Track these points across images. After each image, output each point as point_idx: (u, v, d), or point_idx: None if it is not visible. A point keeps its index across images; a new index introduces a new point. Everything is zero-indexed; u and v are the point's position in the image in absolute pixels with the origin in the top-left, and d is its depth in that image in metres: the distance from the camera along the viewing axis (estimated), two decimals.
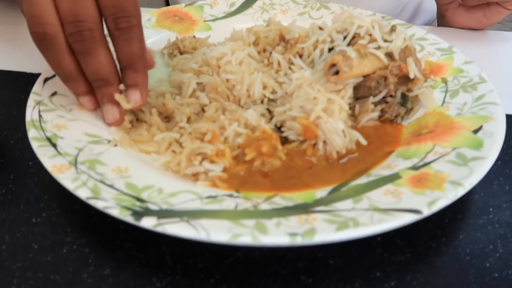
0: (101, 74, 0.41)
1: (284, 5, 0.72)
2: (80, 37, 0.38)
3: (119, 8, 0.39)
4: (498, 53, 0.69)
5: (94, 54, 0.40)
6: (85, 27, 0.38)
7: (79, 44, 0.39)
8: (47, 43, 0.39)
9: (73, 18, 0.38)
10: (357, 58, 0.45)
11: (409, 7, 0.90)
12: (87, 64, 0.40)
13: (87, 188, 0.35)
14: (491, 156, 0.37)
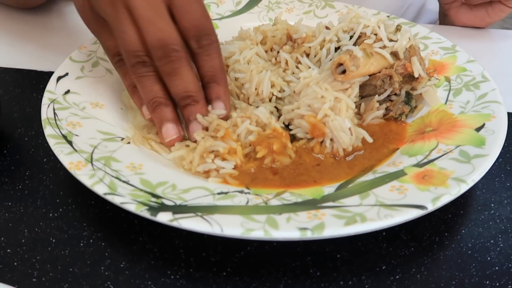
0: (189, 91, 0.43)
1: (289, 3, 0.73)
2: (169, 59, 0.41)
3: (199, 28, 0.43)
4: (500, 51, 0.70)
5: (182, 73, 0.42)
6: (172, 49, 0.41)
7: (168, 66, 0.42)
8: (143, 70, 0.42)
9: (160, 43, 0.41)
10: (363, 57, 0.46)
11: (413, 7, 0.90)
12: (175, 84, 0.43)
13: (104, 184, 0.36)
14: (493, 153, 0.39)
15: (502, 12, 0.69)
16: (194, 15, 0.43)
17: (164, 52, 0.41)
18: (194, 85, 0.43)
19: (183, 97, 0.43)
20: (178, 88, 0.43)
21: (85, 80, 0.52)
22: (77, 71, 0.53)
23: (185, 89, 0.43)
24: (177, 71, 0.42)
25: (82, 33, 0.69)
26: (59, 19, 0.75)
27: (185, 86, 0.43)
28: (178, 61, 0.42)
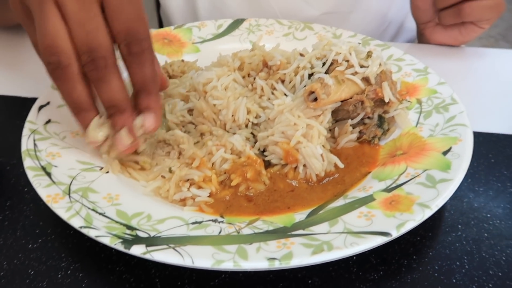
0: (115, 100, 0.41)
1: (269, 26, 0.75)
2: (95, 66, 0.39)
3: (130, 34, 0.40)
4: (474, 69, 0.72)
5: (108, 81, 0.40)
6: (99, 56, 0.39)
7: (94, 72, 0.40)
8: (61, 72, 0.40)
9: (87, 48, 0.39)
10: (335, 84, 0.47)
11: (392, 26, 0.93)
12: (101, 91, 0.41)
13: (80, 217, 0.37)
14: (457, 178, 0.40)
15: (474, 32, 0.71)
16: (127, 17, 0.40)
17: (90, 57, 0.39)
18: (120, 94, 0.41)
19: (109, 106, 0.42)
20: (104, 96, 0.41)
21: (66, 108, 0.53)
22: (58, 100, 0.54)
23: (111, 97, 0.41)
24: (104, 78, 0.40)
25: None
26: None
27: (111, 95, 0.41)
28: (104, 68, 0.40)
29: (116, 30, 0.40)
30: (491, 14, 0.67)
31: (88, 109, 0.42)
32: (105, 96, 0.41)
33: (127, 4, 0.40)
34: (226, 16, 0.87)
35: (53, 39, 0.38)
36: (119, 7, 0.40)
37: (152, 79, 0.42)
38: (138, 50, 0.40)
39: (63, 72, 0.39)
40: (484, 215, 0.44)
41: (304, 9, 0.87)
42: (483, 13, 0.67)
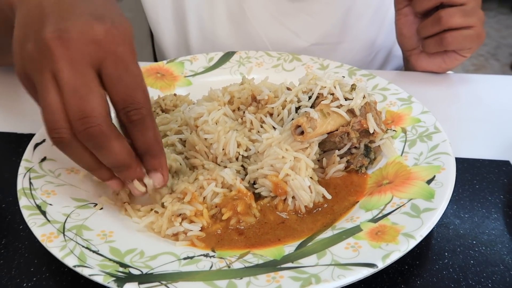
0: (119, 162, 0.41)
1: (259, 58, 0.77)
2: (89, 135, 0.38)
3: (129, 102, 0.39)
4: (459, 95, 0.75)
5: (107, 147, 0.39)
6: (92, 124, 0.38)
7: (90, 142, 0.39)
8: (65, 146, 0.39)
9: (79, 115, 0.37)
10: (320, 118, 0.49)
11: (381, 53, 0.96)
12: (103, 157, 0.41)
13: (74, 255, 0.38)
14: (440, 207, 0.41)
15: (457, 61, 0.74)
16: (124, 86, 0.39)
17: (83, 126, 0.38)
18: (123, 156, 0.41)
19: (114, 167, 0.42)
20: (107, 161, 0.41)
21: None
22: None
23: (114, 161, 0.41)
24: (103, 145, 0.39)
25: None
26: None
27: (113, 159, 0.41)
28: (100, 136, 0.38)
29: (114, 99, 0.40)
30: (472, 44, 0.70)
31: (100, 168, 0.42)
32: (108, 161, 0.41)
33: (125, 73, 0.39)
34: (217, 48, 0.91)
35: (52, 115, 0.38)
36: (117, 76, 0.39)
37: (154, 143, 0.42)
38: (138, 118, 0.40)
39: (67, 146, 0.39)
40: (470, 241, 0.45)
41: (294, 41, 0.90)
42: (463, 43, 0.70)
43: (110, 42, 0.39)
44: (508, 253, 0.44)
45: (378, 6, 0.90)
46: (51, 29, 0.38)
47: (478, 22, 0.68)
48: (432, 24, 0.69)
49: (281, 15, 0.88)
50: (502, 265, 0.43)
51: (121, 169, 0.42)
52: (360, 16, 0.90)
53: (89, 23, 0.39)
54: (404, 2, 0.74)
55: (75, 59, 0.38)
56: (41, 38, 0.38)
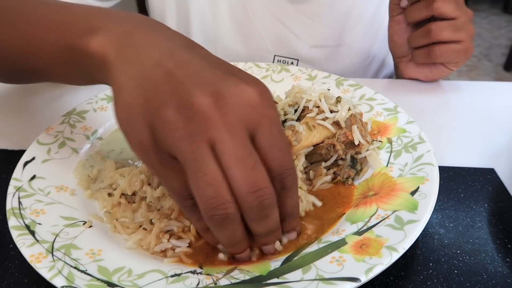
0: (273, 228, 0.40)
1: (248, 69, 0.78)
2: (262, 207, 0.35)
3: (284, 168, 0.37)
4: (448, 102, 0.76)
5: (271, 216, 0.38)
6: (266, 196, 0.35)
7: (260, 214, 0.36)
8: (228, 223, 0.36)
9: (252, 188, 0.34)
10: (306, 130, 0.50)
11: (377, 59, 0.98)
12: (262, 227, 0.38)
13: (62, 276, 0.38)
14: (423, 219, 0.42)
15: (443, 72, 0.76)
16: (280, 151, 0.36)
17: (258, 200, 0.35)
18: (277, 223, 0.40)
19: (267, 234, 0.40)
20: (262, 230, 0.39)
21: (51, 163, 0.55)
22: (43, 154, 0.56)
23: (270, 230, 0.39)
24: (267, 216, 0.37)
25: (53, 110, 0.74)
26: (31, 97, 0.79)
27: (270, 228, 0.39)
28: (270, 207, 0.36)
29: (270, 166, 0.36)
30: (459, 58, 0.71)
31: (243, 242, 0.40)
32: (264, 230, 0.39)
33: (280, 137, 0.37)
34: (219, 49, 0.92)
35: (216, 190, 0.34)
36: (273, 141, 0.36)
37: (297, 206, 0.42)
38: (290, 184, 0.38)
39: (230, 223, 0.36)
40: (454, 251, 0.46)
41: (295, 43, 0.93)
42: (451, 56, 0.71)
43: (264, 105, 0.36)
44: (491, 262, 0.45)
45: (375, 12, 0.93)
46: (202, 92, 0.34)
47: (467, 37, 0.69)
48: (422, 36, 0.71)
49: (282, 16, 0.91)
50: (486, 274, 0.43)
51: (270, 234, 0.40)
52: (358, 20, 0.92)
53: (240, 85, 0.35)
54: (397, 10, 0.76)
55: (234, 126, 0.34)
56: (191, 102, 0.34)
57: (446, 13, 0.67)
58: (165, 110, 0.34)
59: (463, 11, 0.69)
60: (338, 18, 0.91)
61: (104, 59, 0.40)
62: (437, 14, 0.68)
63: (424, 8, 0.69)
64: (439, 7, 0.67)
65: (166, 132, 0.34)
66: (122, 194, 0.50)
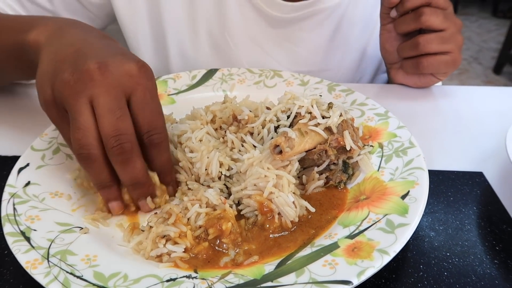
0: (138, 179, 0.48)
1: (241, 75, 0.79)
2: (121, 150, 0.45)
3: (152, 126, 0.47)
4: (439, 107, 0.77)
5: (132, 163, 0.46)
6: (126, 140, 0.45)
7: (119, 157, 0.45)
8: (90, 161, 0.46)
9: (114, 133, 0.44)
10: (298, 137, 0.51)
11: (364, 80, 0.99)
12: (125, 172, 0.47)
13: (58, 282, 0.39)
14: (413, 222, 0.43)
15: (431, 81, 0.77)
16: (150, 112, 0.47)
17: (118, 142, 0.45)
18: (142, 174, 0.48)
19: (131, 184, 0.48)
20: (127, 177, 0.47)
21: (45, 169, 0.56)
22: (37, 161, 0.56)
23: (134, 177, 0.48)
24: (128, 161, 0.46)
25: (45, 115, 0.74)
26: (24, 102, 0.79)
27: (134, 176, 0.47)
28: (130, 151, 0.46)
29: (140, 123, 0.47)
30: (447, 69, 0.73)
31: (112, 186, 0.49)
32: (128, 176, 0.47)
33: (151, 102, 0.47)
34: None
35: (84, 132, 0.44)
36: (143, 103, 0.47)
37: (168, 162, 0.51)
38: (158, 141, 0.48)
39: (92, 161, 0.46)
40: (444, 253, 0.47)
41: (276, 68, 0.90)
42: (439, 68, 0.72)
43: (140, 76, 0.47)
44: (480, 264, 0.46)
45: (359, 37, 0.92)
46: (92, 62, 0.45)
47: (455, 48, 0.70)
48: (410, 48, 0.72)
49: (263, 42, 0.89)
50: (474, 276, 0.44)
51: (137, 186, 0.48)
52: (343, 44, 0.91)
53: (124, 61, 0.47)
54: (388, 19, 0.76)
55: (112, 87, 0.45)
56: (82, 69, 0.45)
57: (434, 26, 0.68)
58: (62, 74, 0.45)
59: (452, 22, 0.69)
60: (322, 43, 0.90)
61: (37, 44, 0.53)
62: (425, 27, 0.69)
63: (412, 20, 0.69)
64: (427, 20, 0.68)
65: (60, 90, 0.45)
66: None
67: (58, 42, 0.51)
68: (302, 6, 0.83)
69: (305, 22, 0.86)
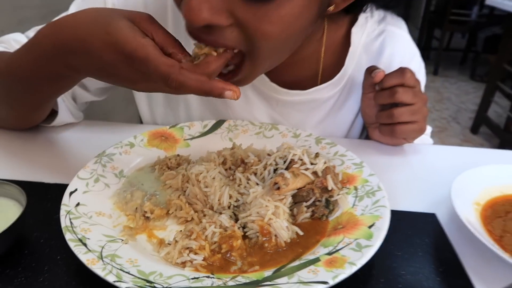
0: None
1: (244, 126, 0.95)
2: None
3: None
4: (408, 161, 0.94)
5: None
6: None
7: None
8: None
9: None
10: (292, 177, 0.67)
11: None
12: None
13: (113, 274, 0.52)
14: (376, 244, 0.58)
15: (401, 143, 0.96)
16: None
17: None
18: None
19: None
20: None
21: (90, 193, 0.70)
22: (83, 187, 0.71)
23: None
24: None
25: (80, 150, 0.88)
26: (59, 141, 0.94)
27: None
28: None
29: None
30: (415, 135, 0.91)
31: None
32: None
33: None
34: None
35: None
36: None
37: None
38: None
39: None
40: (400, 272, 0.62)
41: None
42: (409, 134, 0.89)
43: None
44: (427, 280, 0.60)
45: (346, 134, 1.06)
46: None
47: (422, 118, 0.88)
48: (387, 117, 0.89)
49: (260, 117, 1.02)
50: None
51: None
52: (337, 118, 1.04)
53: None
54: (370, 89, 0.94)
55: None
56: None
57: (405, 101, 0.86)
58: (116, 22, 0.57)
59: (419, 98, 0.87)
60: (315, 122, 1.02)
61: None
62: (398, 102, 0.87)
63: (389, 96, 0.87)
64: (399, 97, 0.86)
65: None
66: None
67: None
68: (298, 93, 0.95)
69: (300, 105, 0.99)
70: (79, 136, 0.96)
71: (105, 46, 0.55)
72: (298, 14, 0.58)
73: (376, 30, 0.99)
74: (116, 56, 0.54)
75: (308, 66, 0.97)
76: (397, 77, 0.86)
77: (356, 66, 0.98)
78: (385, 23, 1.00)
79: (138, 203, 0.69)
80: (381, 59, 0.99)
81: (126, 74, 0.56)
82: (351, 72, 0.98)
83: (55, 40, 0.60)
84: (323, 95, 0.98)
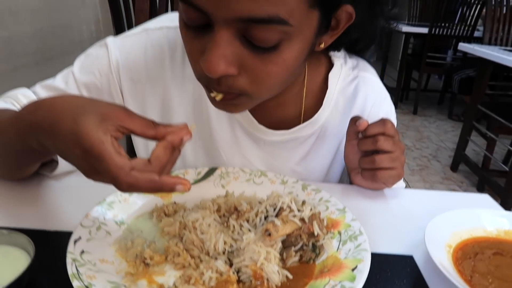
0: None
1: (236, 173, 1.02)
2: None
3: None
4: (388, 205, 1.02)
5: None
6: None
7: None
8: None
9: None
10: (281, 224, 0.73)
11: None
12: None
13: None
14: (358, 286, 0.64)
15: (381, 187, 1.04)
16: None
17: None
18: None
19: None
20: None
21: (93, 241, 0.75)
22: (86, 235, 0.76)
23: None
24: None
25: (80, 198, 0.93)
26: (60, 190, 0.99)
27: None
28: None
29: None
30: (394, 180, 0.99)
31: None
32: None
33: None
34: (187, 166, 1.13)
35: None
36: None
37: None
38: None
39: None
40: None
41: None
42: (388, 179, 0.98)
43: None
44: None
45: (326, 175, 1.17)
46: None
47: (399, 165, 0.97)
48: (369, 163, 0.98)
49: (249, 156, 1.11)
50: None
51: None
52: (319, 155, 1.14)
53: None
54: (353, 136, 1.02)
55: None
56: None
57: (385, 149, 0.95)
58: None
59: (398, 146, 0.97)
60: (297, 159, 1.12)
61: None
62: (380, 150, 0.96)
63: (371, 144, 0.96)
64: (381, 145, 0.95)
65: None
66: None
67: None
68: (283, 133, 1.05)
69: (285, 143, 1.09)
70: (80, 181, 1.01)
71: (70, 135, 0.58)
72: (297, 55, 0.70)
73: (350, 75, 1.11)
74: (75, 147, 0.58)
75: (292, 107, 1.08)
76: (379, 127, 0.95)
77: (333, 107, 1.10)
78: (358, 69, 1.12)
79: (138, 250, 0.74)
80: (355, 101, 1.11)
81: (81, 165, 0.60)
82: (329, 112, 1.09)
83: (33, 118, 0.64)
84: (305, 133, 1.09)
